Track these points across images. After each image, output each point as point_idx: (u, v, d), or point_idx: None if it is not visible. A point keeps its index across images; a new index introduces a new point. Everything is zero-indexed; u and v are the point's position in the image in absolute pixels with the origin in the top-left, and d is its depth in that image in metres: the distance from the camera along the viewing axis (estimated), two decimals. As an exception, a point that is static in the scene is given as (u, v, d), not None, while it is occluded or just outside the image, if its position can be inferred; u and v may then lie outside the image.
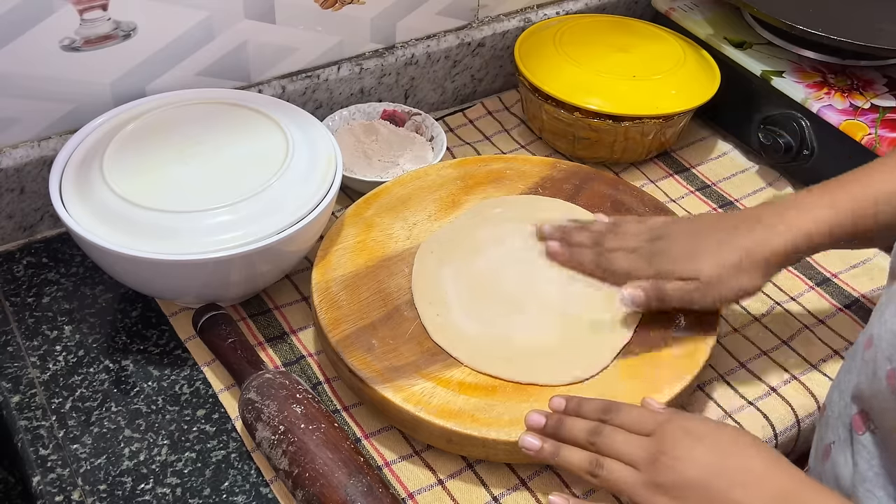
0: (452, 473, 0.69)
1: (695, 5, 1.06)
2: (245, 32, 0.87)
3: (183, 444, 0.70)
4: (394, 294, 0.76)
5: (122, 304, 0.80)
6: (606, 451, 0.60)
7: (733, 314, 0.82)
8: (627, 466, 0.59)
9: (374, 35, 0.96)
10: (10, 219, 0.84)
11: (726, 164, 1.00)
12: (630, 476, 0.58)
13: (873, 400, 0.57)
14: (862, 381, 0.59)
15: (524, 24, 1.04)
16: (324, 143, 0.79)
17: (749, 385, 0.76)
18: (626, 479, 0.58)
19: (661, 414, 0.61)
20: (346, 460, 0.63)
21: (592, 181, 0.88)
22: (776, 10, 0.93)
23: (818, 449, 0.66)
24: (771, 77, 0.95)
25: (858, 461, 0.59)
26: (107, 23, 0.80)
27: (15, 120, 0.80)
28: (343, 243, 0.80)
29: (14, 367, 0.74)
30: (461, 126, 1.02)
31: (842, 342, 0.80)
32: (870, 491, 0.58)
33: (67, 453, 0.69)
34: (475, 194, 0.86)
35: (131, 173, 0.73)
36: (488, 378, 0.70)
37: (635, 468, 0.58)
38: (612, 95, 0.93)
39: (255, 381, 0.68)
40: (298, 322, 0.79)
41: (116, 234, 0.69)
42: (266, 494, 0.67)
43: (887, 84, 0.94)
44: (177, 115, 0.79)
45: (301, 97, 0.93)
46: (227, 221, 0.71)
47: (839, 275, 0.87)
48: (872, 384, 0.56)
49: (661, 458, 0.57)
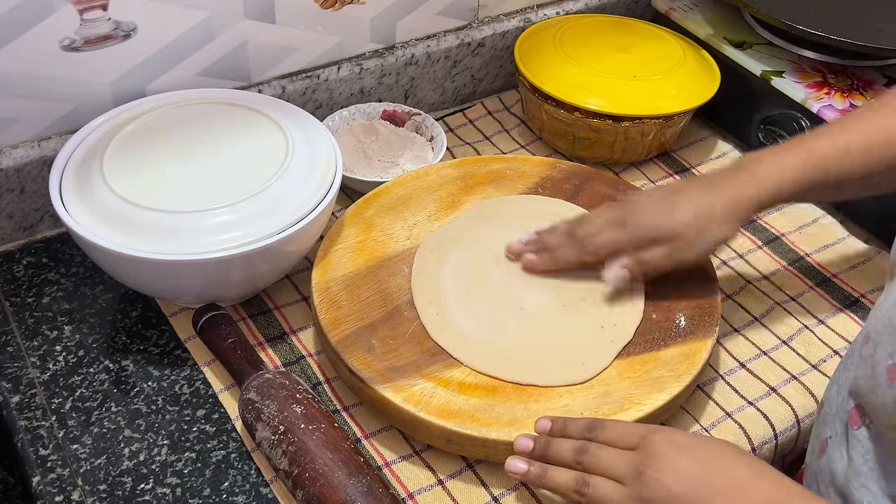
0: (452, 473, 0.69)
1: (695, 5, 1.06)
2: (245, 32, 0.87)
3: (183, 444, 0.70)
4: (394, 294, 0.76)
5: (122, 304, 0.80)
6: (593, 469, 0.60)
7: (733, 314, 0.82)
8: (613, 482, 0.59)
9: (374, 35, 0.96)
10: (10, 219, 0.84)
11: (726, 164, 0.99)
12: (616, 492, 0.58)
13: (870, 395, 0.57)
14: (860, 376, 0.59)
15: (524, 24, 1.04)
16: (324, 143, 0.79)
17: (749, 385, 0.76)
18: (613, 496, 0.58)
19: (644, 427, 0.61)
20: (346, 460, 0.63)
21: (592, 181, 0.88)
22: (776, 10, 0.93)
23: (815, 445, 0.66)
24: (771, 77, 0.95)
25: (853, 456, 0.59)
26: (107, 23, 0.80)
27: (15, 120, 0.80)
28: (343, 243, 0.80)
29: (14, 367, 0.74)
30: (461, 126, 1.02)
31: (842, 342, 0.80)
32: (864, 486, 0.58)
33: (67, 453, 0.69)
34: (475, 194, 0.86)
35: (131, 173, 0.73)
36: (488, 378, 0.70)
37: (621, 483, 0.58)
38: (612, 95, 0.93)
39: (255, 381, 0.68)
40: (298, 322, 0.79)
41: (116, 234, 0.69)
42: (266, 494, 0.67)
43: (887, 84, 0.94)
44: (177, 115, 0.79)
45: (301, 97, 0.93)
46: (227, 221, 0.71)
47: (839, 275, 0.87)
48: (870, 379, 0.57)
49: (645, 471, 0.57)
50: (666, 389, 0.69)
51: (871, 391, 0.57)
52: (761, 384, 0.76)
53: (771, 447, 0.73)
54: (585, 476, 0.60)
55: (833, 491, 0.61)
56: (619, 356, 0.72)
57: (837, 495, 0.61)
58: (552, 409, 0.68)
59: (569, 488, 0.60)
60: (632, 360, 0.72)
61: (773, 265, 0.88)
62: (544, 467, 0.62)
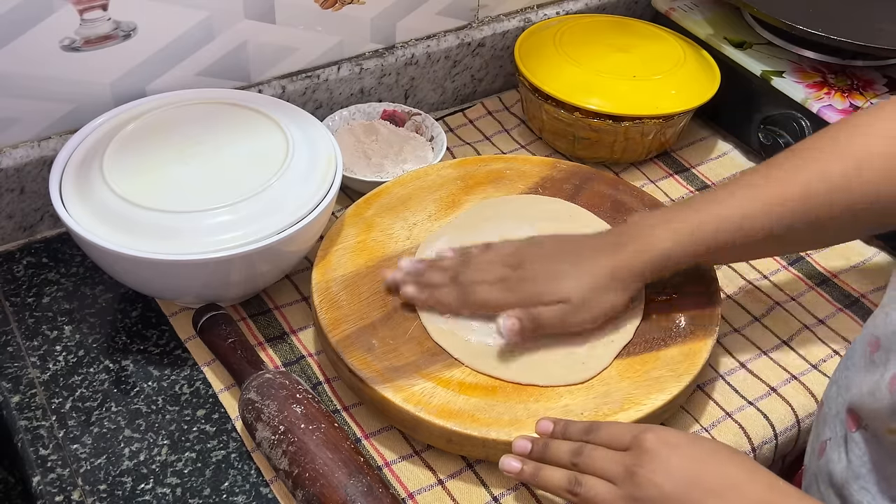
0: (452, 473, 0.69)
1: (695, 5, 1.06)
2: (245, 32, 0.87)
3: (183, 444, 0.70)
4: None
5: (122, 304, 0.80)
6: (587, 469, 0.60)
7: (733, 314, 0.82)
8: (606, 482, 0.59)
9: (374, 35, 0.96)
10: (10, 219, 0.84)
11: (726, 164, 1.00)
12: (608, 492, 0.58)
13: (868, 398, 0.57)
14: (863, 380, 0.59)
15: (524, 24, 1.04)
16: (324, 143, 0.79)
17: (749, 385, 0.76)
18: (605, 496, 0.58)
19: (637, 427, 0.61)
20: (346, 460, 0.63)
21: (592, 181, 0.88)
22: (776, 10, 0.93)
23: (814, 446, 0.66)
24: (771, 77, 0.95)
25: (852, 458, 0.59)
26: (107, 23, 0.80)
27: (15, 120, 0.80)
28: (343, 243, 0.80)
29: (14, 367, 0.74)
30: (461, 126, 1.02)
31: (842, 342, 0.80)
32: (864, 488, 0.58)
33: (67, 453, 0.69)
34: (475, 194, 0.86)
35: (131, 173, 0.73)
36: (488, 378, 0.70)
37: (614, 484, 0.58)
38: (612, 95, 0.93)
39: (255, 381, 0.68)
40: (298, 322, 0.79)
41: (116, 234, 0.69)
42: (266, 494, 0.67)
43: (887, 84, 0.94)
44: (177, 115, 0.79)
45: (301, 97, 0.93)
46: (227, 221, 0.71)
47: (839, 275, 0.87)
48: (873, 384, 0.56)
49: (638, 471, 0.57)
50: (666, 389, 0.69)
51: (870, 394, 0.57)
52: (761, 384, 0.76)
53: (771, 447, 0.73)
54: (578, 475, 0.60)
55: (832, 492, 0.61)
56: (619, 356, 0.72)
57: (837, 497, 0.61)
58: (552, 409, 0.68)
59: (561, 487, 0.61)
60: (632, 360, 0.72)
61: (773, 265, 0.88)
62: (538, 466, 0.62)
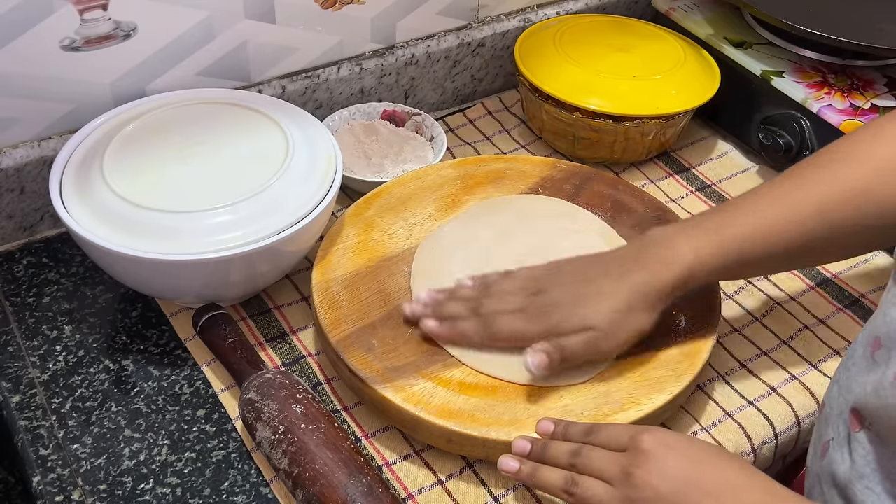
0: (452, 473, 0.69)
1: (695, 5, 1.06)
2: (245, 32, 0.87)
3: (183, 444, 0.70)
4: (394, 294, 0.76)
5: (122, 304, 0.80)
6: (584, 470, 0.60)
7: (733, 314, 0.82)
8: (603, 483, 0.58)
9: (374, 35, 0.96)
10: (10, 219, 0.84)
11: (726, 164, 1.00)
12: (605, 493, 0.58)
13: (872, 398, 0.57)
14: (866, 380, 0.58)
15: (524, 24, 1.04)
16: (324, 143, 0.79)
17: (749, 385, 0.76)
18: (601, 496, 0.58)
19: (634, 428, 0.61)
20: (346, 460, 0.63)
21: (592, 181, 0.88)
22: (776, 10, 0.93)
23: (816, 447, 0.66)
24: (771, 77, 0.95)
25: (856, 458, 0.59)
26: (107, 23, 0.80)
27: (15, 120, 0.80)
28: (343, 243, 0.80)
29: (14, 367, 0.74)
30: (461, 126, 1.02)
31: (842, 342, 0.80)
32: (868, 488, 0.58)
33: (67, 453, 0.69)
34: (475, 194, 0.86)
35: (131, 173, 0.73)
36: (488, 378, 0.70)
37: (611, 484, 0.58)
38: (612, 95, 0.93)
39: (255, 381, 0.68)
40: (298, 322, 0.79)
41: (116, 234, 0.69)
42: (266, 494, 0.67)
43: (887, 84, 0.94)
44: (177, 115, 0.79)
45: (301, 97, 0.93)
46: (227, 221, 0.71)
47: (839, 275, 0.87)
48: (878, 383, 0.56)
49: (634, 472, 0.57)
50: (666, 389, 0.69)
51: (874, 393, 0.57)
52: (761, 384, 0.77)
53: (771, 447, 0.73)
54: (575, 476, 0.60)
55: (836, 493, 0.61)
56: (619, 356, 0.72)
57: (840, 497, 0.61)
58: (552, 409, 0.68)
59: (558, 487, 0.61)
60: (632, 360, 0.72)
61: (773, 265, 0.88)
62: (535, 466, 0.62)
